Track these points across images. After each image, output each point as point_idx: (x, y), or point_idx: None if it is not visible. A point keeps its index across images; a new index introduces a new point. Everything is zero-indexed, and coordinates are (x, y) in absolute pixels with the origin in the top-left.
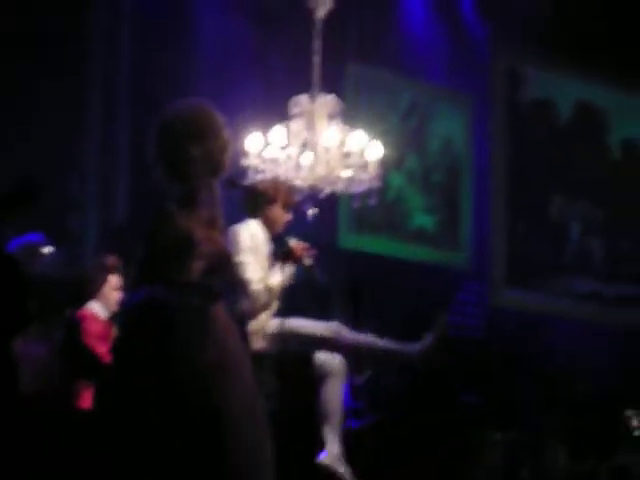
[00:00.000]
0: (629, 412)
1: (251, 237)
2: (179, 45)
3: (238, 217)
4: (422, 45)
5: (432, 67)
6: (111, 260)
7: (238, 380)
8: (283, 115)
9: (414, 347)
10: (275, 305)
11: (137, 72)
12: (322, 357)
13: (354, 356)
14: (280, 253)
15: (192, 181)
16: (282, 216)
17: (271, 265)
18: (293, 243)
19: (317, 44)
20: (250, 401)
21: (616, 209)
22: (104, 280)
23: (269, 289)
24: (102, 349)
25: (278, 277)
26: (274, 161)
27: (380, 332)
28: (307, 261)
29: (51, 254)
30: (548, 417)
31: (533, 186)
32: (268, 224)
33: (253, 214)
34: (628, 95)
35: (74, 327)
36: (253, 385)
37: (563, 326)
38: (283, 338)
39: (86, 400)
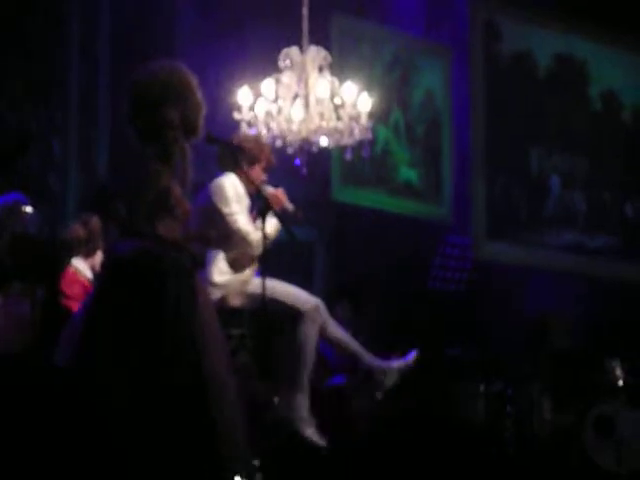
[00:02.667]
0: (613, 362)
1: (234, 189)
2: (159, 4)
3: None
4: None
5: (414, 20)
6: (96, 221)
7: (214, 337)
8: (271, 69)
9: (381, 365)
10: (256, 263)
11: (118, 32)
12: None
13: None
14: (261, 203)
15: (168, 143)
16: (260, 176)
17: (252, 219)
18: (269, 190)
19: None
20: (225, 355)
21: (597, 161)
22: (91, 240)
23: (267, 236)
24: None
25: (273, 223)
26: (267, 114)
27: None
28: (288, 205)
29: (32, 214)
30: (531, 369)
31: (513, 139)
32: (246, 182)
33: (231, 169)
34: (607, 46)
35: (54, 287)
36: (225, 340)
37: (546, 278)
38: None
39: None
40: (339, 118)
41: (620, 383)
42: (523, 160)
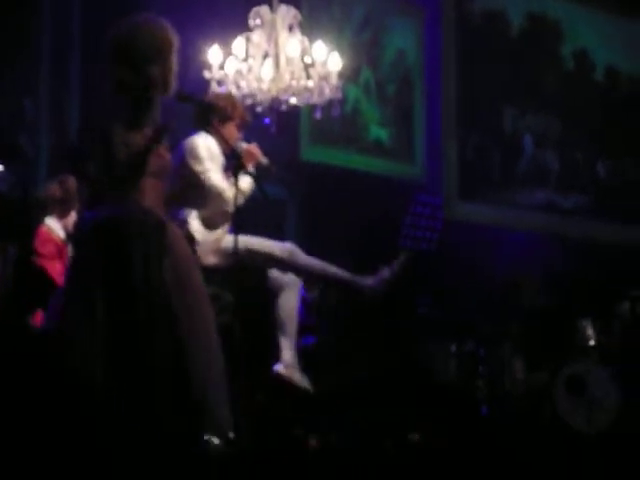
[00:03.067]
0: (584, 322)
1: (207, 147)
2: None
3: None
4: None
5: None
6: (72, 181)
7: (190, 291)
8: (241, 27)
9: (366, 281)
10: (229, 220)
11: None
12: (275, 271)
13: (306, 278)
14: (235, 158)
15: (147, 99)
16: (234, 134)
17: (226, 177)
18: (243, 146)
19: None
20: (204, 311)
21: (570, 120)
22: (66, 200)
23: (242, 193)
24: (54, 268)
25: (247, 180)
26: (237, 73)
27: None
28: (263, 160)
29: (3, 172)
30: (503, 328)
31: (485, 98)
32: (220, 140)
33: (205, 128)
34: (581, 5)
35: (27, 244)
36: (205, 296)
37: (518, 238)
38: (237, 254)
39: (38, 317)
40: (309, 77)
41: (592, 343)
42: (496, 119)
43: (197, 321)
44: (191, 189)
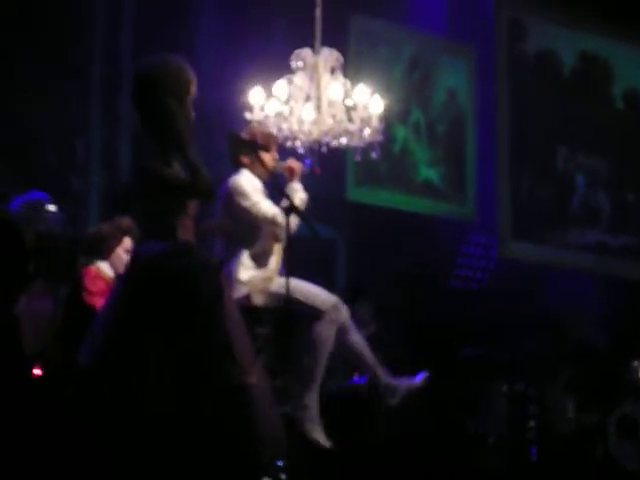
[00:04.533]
0: (635, 362)
1: (250, 181)
2: (181, 11)
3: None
4: None
5: (435, 19)
6: (126, 222)
7: (242, 336)
8: (283, 69)
9: (390, 381)
10: (279, 259)
11: (141, 30)
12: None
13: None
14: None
15: (180, 135)
16: (271, 160)
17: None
18: (283, 165)
19: None
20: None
21: (621, 160)
22: (119, 240)
23: (295, 210)
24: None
25: (295, 195)
26: (278, 115)
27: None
28: (305, 167)
29: (55, 212)
30: (555, 369)
31: (538, 138)
32: (260, 172)
33: (244, 166)
34: (631, 45)
35: (77, 283)
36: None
37: (569, 278)
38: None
39: None
40: (351, 120)
41: None
42: (548, 159)
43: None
44: (241, 227)
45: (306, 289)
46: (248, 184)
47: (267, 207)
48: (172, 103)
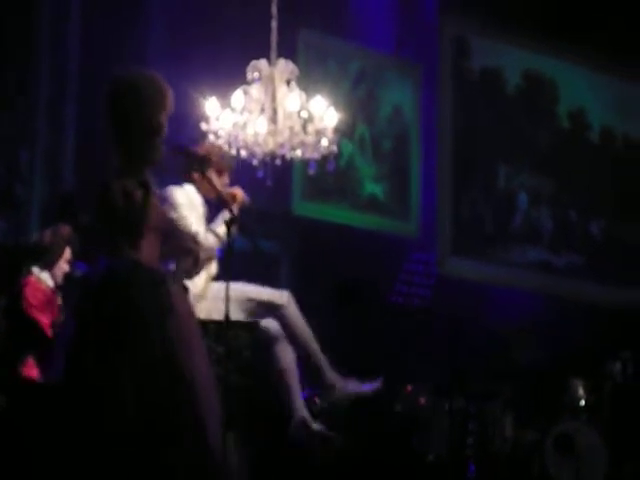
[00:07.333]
0: (574, 381)
1: (187, 196)
2: (129, 14)
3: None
4: (373, 14)
5: (382, 36)
6: (67, 230)
7: (195, 350)
8: (235, 80)
9: (339, 381)
10: (215, 268)
11: (88, 42)
12: (269, 322)
13: (288, 336)
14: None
15: (151, 150)
16: (224, 184)
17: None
18: (227, 190)
19: (274, 10)
20: (206, 369)
21: (564, 179)
22: (61, 251)
23: (217, 237)
24: (44, 318)
25: (222, 225)
26: (234, 126)
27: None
28: (246, 199)
29: None
30: (494, 386)
31: (480, 155)
32: (207, 191)
33: (188, 179)
34: (577, 64)
35: (17, 294)
36: (205, 353)
37: (510, 294)
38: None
39: (29, 368)
40: (305, 132)
41: (582, 402)
42: (491, 177)
43: (202, 379)
44: (171, 239)
45: (248, 286)
46: (183, 197)
47: (194, 227)
48: (153, 114)
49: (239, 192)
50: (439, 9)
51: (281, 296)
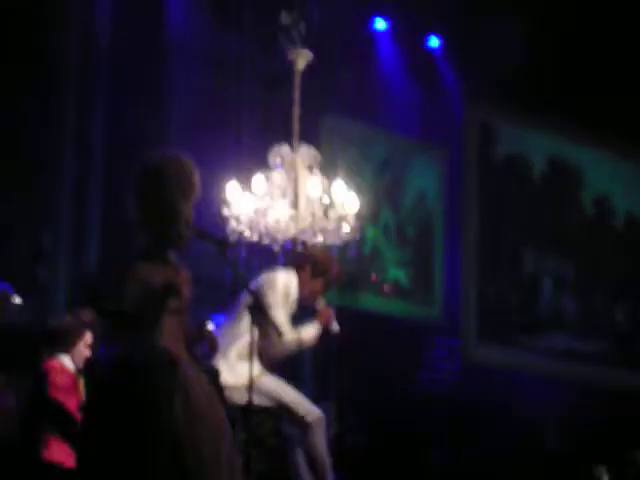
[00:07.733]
0: (599, 468)
1: (285, 285)
2: (152, 97)
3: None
4: (397, 99)
5: (407, 121)
6: (87, 315)
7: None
8: (255, 165)
9: None
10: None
11: (110, 125)
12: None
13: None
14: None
15: (176, 234)
16: (318, 291)
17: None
18: (322, 304)
19: (296, 95)
20: (219, 445)
21: (588, 265)
22: (81, 335)
23: (300, 343)
24: (69, 402)
25: (312, 332)
26: (255, 211)
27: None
28: (334, 327)
29: (19, 304)
30: (520, 473)
31: (505, 241)
32: (303, 289)
33: (297, 270)
34: (602, 152)
35: (42, 379)
36: (223, 431)
37: (536, 381)
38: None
39: (52, 452)
40: (327, 218)
41: None
42: (516, 263)
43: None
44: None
45: (296, 396)
46: (282, 285)
47: (281, 315)
48: (179, 200)
49: (330, 314)
50: (465, 96)
51: (312, 413)
